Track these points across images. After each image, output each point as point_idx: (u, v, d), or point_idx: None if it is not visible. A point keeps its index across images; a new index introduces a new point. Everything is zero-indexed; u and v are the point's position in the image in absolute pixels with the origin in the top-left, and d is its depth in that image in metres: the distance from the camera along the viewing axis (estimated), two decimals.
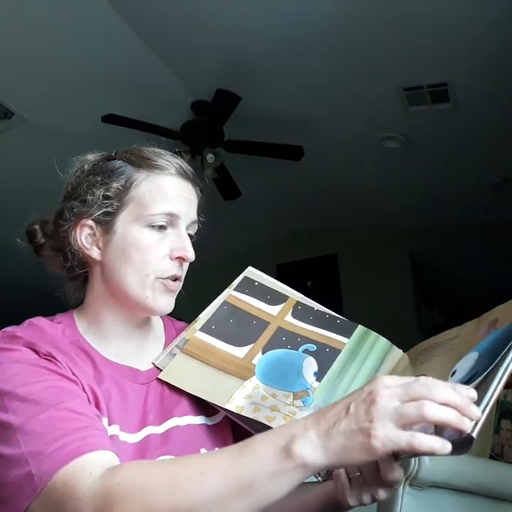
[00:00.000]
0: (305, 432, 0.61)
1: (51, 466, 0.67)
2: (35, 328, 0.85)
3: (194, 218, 0.93)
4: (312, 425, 0.61)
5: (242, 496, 0.61)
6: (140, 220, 0.87)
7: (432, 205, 4.86)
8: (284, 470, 0.60)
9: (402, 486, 1.32)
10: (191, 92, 3.60)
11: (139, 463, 0.68)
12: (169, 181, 0.90)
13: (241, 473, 0.61)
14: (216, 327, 0.96)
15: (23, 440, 0.70)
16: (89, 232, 0.89)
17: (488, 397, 0.62)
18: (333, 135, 3.99)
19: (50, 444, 0.69)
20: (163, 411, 0.88)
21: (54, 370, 0.78)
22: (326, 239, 5.43)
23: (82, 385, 0.81)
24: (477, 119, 3.67)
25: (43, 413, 0.72)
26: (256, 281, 1.04)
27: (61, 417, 0.72)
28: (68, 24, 2.94)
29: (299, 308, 1.00)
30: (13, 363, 0.78)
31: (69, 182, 0.93)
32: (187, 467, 0.64)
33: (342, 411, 0.61)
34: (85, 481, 0.65)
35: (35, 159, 3.53)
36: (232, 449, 0.64)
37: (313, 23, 2.98)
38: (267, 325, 0.97)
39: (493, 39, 2.98)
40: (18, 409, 0.73)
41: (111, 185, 0.88)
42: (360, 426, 0.59)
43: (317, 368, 0.89)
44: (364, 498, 0.73)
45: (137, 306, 0.89)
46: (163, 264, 0.88)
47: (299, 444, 0.60)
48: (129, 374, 0.89)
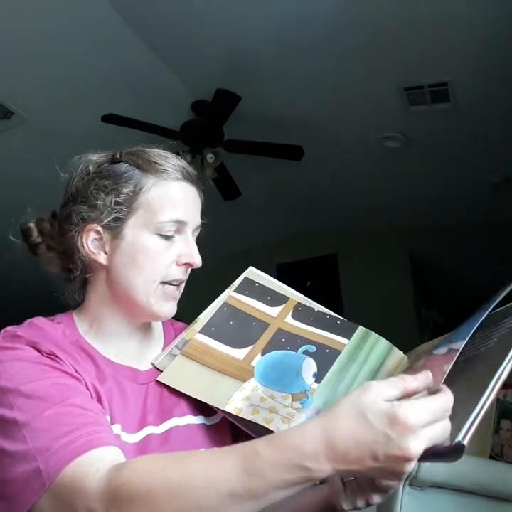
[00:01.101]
0: (320, 466, 0.60)
1: (59, 461, 0.67)
2: (36, 327, 0.85)
3: (199, 223, 0.93)
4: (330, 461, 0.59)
5: (248, 503, 0.61)
6: (149, 227, 0.88)
7: (432, 205, 4.86)
8: (293, 485, 0.61)
9: (402, 486, 1.32)
10: (191, 92, 3.60)
11: (143, 462, 0.67)
12: (177, 186, 0.90)
13: (249, 489, 0.61)
14: (216, 329, 0.96)
15: (30, 436, 0.70)
16: (95, 237, 0.89)
17: (479, 407, 0.61)
18: (333, 135, 3.99)
19: (57, 440, 0.69)
20: (163, 411, 0.88)
21: (57, 367, 0.78)
22: (326, 239, 5.43)
23: (85, 382, 0.81)
24: (477, 119, 3.67)
25: (49, 409, 0.72)
26: (256, 283, 1.04)
27: (67, 412, 0.72)
28: (68, 24, 2.94)
29: (300, 309, 1.00)
30: (15, 361, 0.78)
31: (73, 183, 0.92)
32: (191, 478, 0.63)
33: (367, 458, 0.59)
34: (92, 477, 0.65)
35: (35, 159, 3.53)
36: (239, 463, 0.62)
37: (314, 23, 2.97)
38: (266, 326, 0.96)
39: (494, 39, 2.98)
40: (23, 405, 0.73)
41: (121, 191, 0.88)
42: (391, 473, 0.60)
43: (316, 369, 0.88)
44: (358, 503, 0.73)
45: (142, 311, 0.90)
46: (170, 269, 0.89)
47: (314, 474, 0.60)
48: (130, 374, 0.89)
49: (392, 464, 0.58)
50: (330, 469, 0.59)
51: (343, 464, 0.59)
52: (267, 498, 0.61)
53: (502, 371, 0.64)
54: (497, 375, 0.64)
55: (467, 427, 0.60)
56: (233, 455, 0.63)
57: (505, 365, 0.65)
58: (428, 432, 0.58)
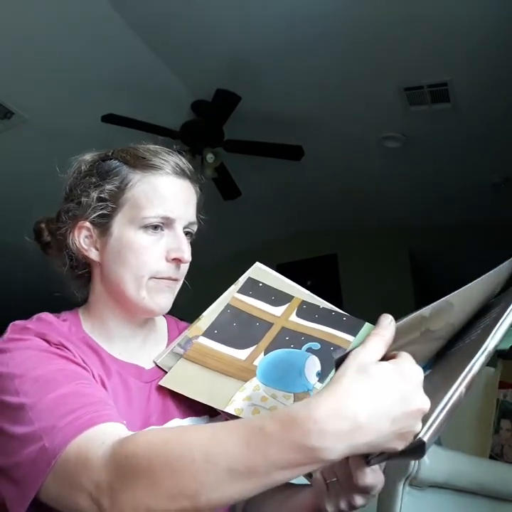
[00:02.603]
0: (330, 445, 0.55)
1: (64, 437, 0.67)
2: (44, 321, 0.86)
3: (192, 219, 0.92)
4: (342, 437, 0.55)
5: (248, 482, 0.58)
6: (135, 222, 0.87)
7: (432, 205, 4.86)
8: (298, 466, 0.57)
9: (402, 486, 1.31)
10: (191, 92, 3.60)
11: (147, 435, 0.66)
12: (165, 181, 0.89)
13: (250, 467, 0.58)
14: (219, 331, 0.95)
15: (36, 418, 0.70)
16: (86, 234, 0.89)
17: (444, 403, 0.58)
18: (333, 135, 3.99)
19: (63, 417, 0.69)
20: (166, 411, 0.88)
21: (65, 356, 0.79)
22: (326, 239, 5.43)
23: (93, 374, 0.81)
24: (477, 119, 3.67)
25: (55, 391, 0.72)
26: (260, 282, 1.02)
27: (73, 393, 0.72)
28: (68, 24, 2.94)
29: (304, 307, 0.97)
30: (24, 349, 0.78)
31: (67, 183, 0.93)
32: (190, 451, 0.60)
33: (385, 424, 0.56)
34: (97, 449, 0.65)
35: (35, 159, 3.53)
36: (240, 438, 0.59)
37: (313, 23, 2.98)
38: (270, 326, 0.95)
39: (494, 39, 2.98)
40: (29, 390, 0.73)
41: (105, 187, 0.88)
42: (404, 438, 0.57)
43: (320, 367, 0.86)
44: (341, 505, 0.70)
45: (135, 307, 0.89)
46: (159, 265, 0.88)
47: (323, 455, 0.55)
48: (134, 371, 0.89)
49: (409, 421, 0.57)
50: (342, 447, 0.55)
51: (357, 436, 0.55)
52: (269, 479, 0.58)
53: (472, 366, 0.61)
54: (466, 370, 0.60)
55: (429, 423, 0.57)
56: (236, 430, 0.61)
57: (476, 360, 0.61)
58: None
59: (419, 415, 0.57)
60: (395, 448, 0.58)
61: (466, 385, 0.59)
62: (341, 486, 0.70)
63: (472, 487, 1.45)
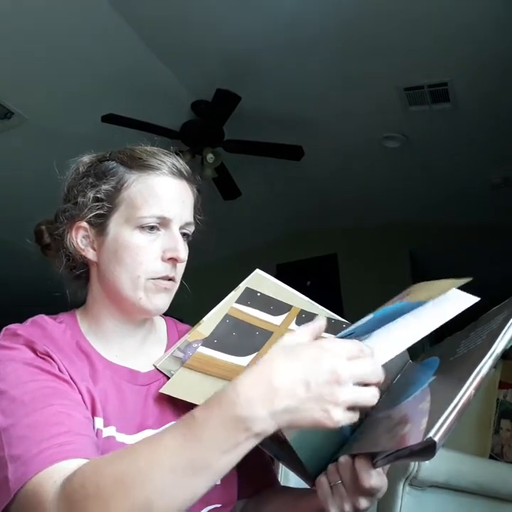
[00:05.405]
0: (254, 411, 0.58)
1: (24, 473, 0.68)
2: (38, 326, 0.86)
3: (188, 219, 0.91)
4: (262, 403, 0.59)
5: (195, 477, 0.60)
6: (131, 222, 0.87)
7: (432, 205, 4.86)
8: (235, 445, 0.59)
9: (402, 486, 1.32)
10: (191, 92, 3.59)
11: (90, 463, 0.66)
12: (161, 181, 0.89)
13: (191, 458, 0.59)
14: (219, 341, 0.95)
15: (7, 443, 0.71)
16: (84, 234, 0.90)
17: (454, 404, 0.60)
18: (333, 135, 3.99)
19: (28, 449, 0.69)
20: (163, 415, 0.88)
21: (48, 370, 0.79)
22: (326, 239, 5.42)
23: (77, 386, 0.81)
24: (477, 119, 3.67)
25: (29, 416, 0.72)
26: (258, 292, 1.03)
27: (45, 420, 0.72)
28: (68, 24, 2.94)
29: (303, 316, 0.99)
30: (8, 361, 0.79)
31: (65, 184, 0.94)
32: (135, 462, 0.61)
33: (300, 388, 0.59)
34: (50, 489, 0.65)
35: (35, 159, 3.52)
36: (177, 433, 0.61)
37: (313, 23, 2.98)
38: (270, 334, 0.96)
39: (493, 39, 2.98)
40: (6, 409, 0.73)
41: (101, 187, 0.88)
42: (323, 407, 0.59)
43: None
44: (346, 507, 0.71)
45: (132, 307, 0.89)
46: (155, 265, 0.88)
47: (250, 424, 0.58)
48: (128, 375, 0.89)
49: (326, 388, 0.59)
50: (265, 414, 0.58)
51: (276, 401, 0.58)
52: (215, 467, 0.59)
53: (480, 368, 0.64)
54: (475, 372, 0.63)
55: (440, 423, 0.59)
56: (173, 427, 0.62)
57: (484, 363, 0.64)
58: (354, 364, 0.60)
59: (333, 381, 0.59)
60: (314, 417, 0.59)
61: (475, 386, 0.62)
62: (346, 489, 0.70)
63: (472, 487, 1.45)
